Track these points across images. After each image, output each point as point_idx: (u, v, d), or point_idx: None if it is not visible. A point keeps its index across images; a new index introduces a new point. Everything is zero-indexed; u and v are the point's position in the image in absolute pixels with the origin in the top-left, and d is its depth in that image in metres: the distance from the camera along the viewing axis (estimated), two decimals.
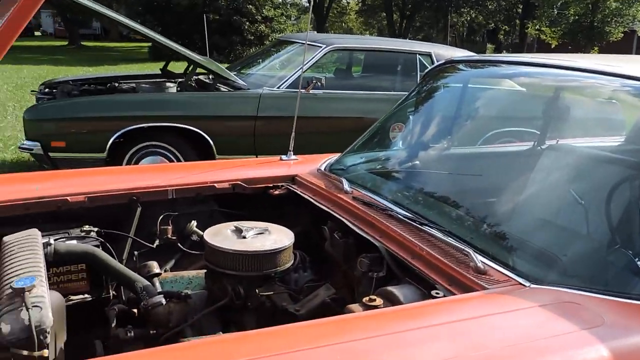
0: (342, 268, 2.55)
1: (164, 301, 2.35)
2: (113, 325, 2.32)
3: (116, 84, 7.19)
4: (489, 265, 2.08)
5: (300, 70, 6.38)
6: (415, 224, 2.36)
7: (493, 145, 4.04)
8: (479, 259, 2.08)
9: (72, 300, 2.58)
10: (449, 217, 2.49)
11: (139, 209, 2.88)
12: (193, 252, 2.93)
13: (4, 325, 1.74)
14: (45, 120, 6.00)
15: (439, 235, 2.26)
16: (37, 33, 46.65)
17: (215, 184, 3.05)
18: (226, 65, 8.70)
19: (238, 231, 2.42)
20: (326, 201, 2.84)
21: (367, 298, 2.01)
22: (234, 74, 6.99)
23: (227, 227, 2.45)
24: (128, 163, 6.16)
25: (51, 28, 49.99)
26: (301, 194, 3.00)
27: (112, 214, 2.90)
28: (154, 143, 6.21)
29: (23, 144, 6.00)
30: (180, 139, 6.25)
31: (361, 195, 2.76)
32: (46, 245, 2.35)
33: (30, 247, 2.23)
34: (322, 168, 3.26)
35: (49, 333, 1.75)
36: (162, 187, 2.95)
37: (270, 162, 3.49)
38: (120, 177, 3.11)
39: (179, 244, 2.98)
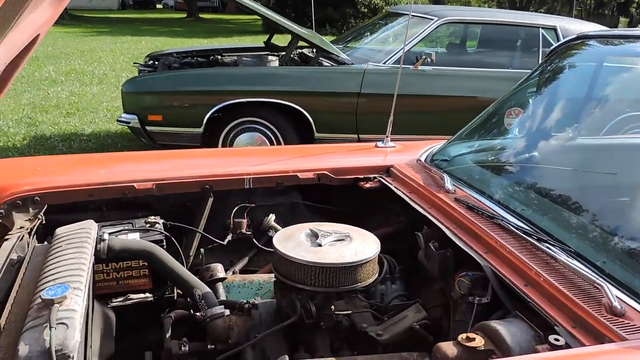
0: (437, 285, 2.12)
1: (225, 312, 2.04)
2: (167, 335, 2.03)
3: (218, 57, 7.00)
4: (628, 305, 1.59)
5: (408, 44, 5.88)
6: (531, 239, 1.89)
7: (631, 135, 3.41)
8: (615, 294, 1.59)
9: (131, 299, 2.32)
10: (575, 231, 1.99)
11: (210, 200, 2.57)
12: (269, 249, 2.60)
13: (22, 345, 1.47)
14: (142, 93, 5.89)
15: (562, 257, 1.78)
16: (158, 6, 48.32)
17: (299, 173, 2.69)
18: (332, 38, 8.32)
19: (314, 236, 2.04)
20: (423, 201, 2.41)
21: (464, 336, 1.58)
22: (339, 48, 6.60)
23: (301, 231, 2.07)
24: (225, 139, 5.96)
25: (172, 1, 51.59)
26: (395, 189, 2.58)
27: (182, 204, 2.62)
28: (251, 119, 5.95)
29: (121, 117, 5.93)
30: (278, 116, 5.96)
31: (465, 197, 2.30)
32: (100, 240, 2.09)
33: (78, 244, 1.97)
34: (423, 158, 2.81)
35: (72, 358, 1.46)
36: (239, 175, 2.62)
37: (363, 150, 3.08)
38: (193, 162, 2.80)
39: (254, 240, 2.66)
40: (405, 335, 1.95)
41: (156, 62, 6.83)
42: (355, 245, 2.01)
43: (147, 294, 2.35)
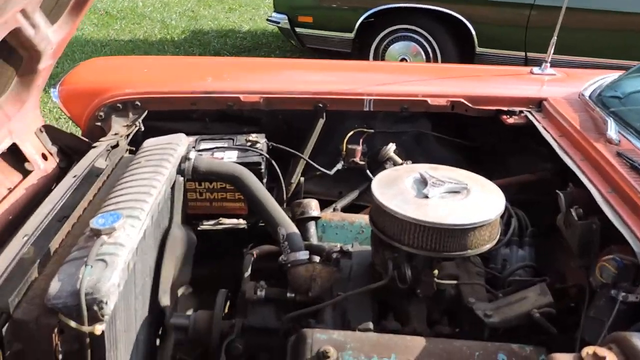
0: (573, 263, 1.68)
1: (310, 259, 1.76)
2: (246, 275, 1.80)
3: None
4: None
5: None
6: None
7: None
8: None
9: (223, 224, 2.13)
10: None
11: (322, 120, 2.26)
12: None
13: (55, 281, 1.30)
14: None
15: None
16: None
17: (429, 99, 2.28)
18: None
19: (422, 183, 1.66)
20: (575, 149, 1.92)
21: (590, 351, 1.17)
22: None
23: (409, 174, 1.70)
24: (377, 47, 5.54)
25: None
26: (542, 129, 2.10)
27: (290, 122, 2.34)
28: (407, 27, 5.44)
29: (271, 17, 5.69)
30: (437, 24, 5.39)
31: (632, 151, 1.78)
32: (185, 159, 1.87)
33: (158, 162, 1.77)
34: (587, 93, 2.27)
35: (105, 303, 1.26)
36: (357, 95, 2.26)
37: (514, 75, 2.57)
38: (308, 76, 2.48)
39: (367, 172, 2.32)
40: (520, 322, 1.55)
41: None
42: (471, 201, 1.60)
43: (241, 220, 2.15)
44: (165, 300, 1.69)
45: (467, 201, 1.60)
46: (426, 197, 1.59)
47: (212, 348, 1.67)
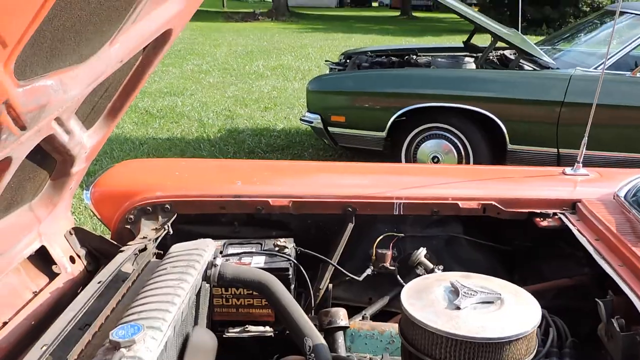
0: None
1: None
2: None
3: (413, 57, 6.62)
4: None
5: (628, 46, 5.03)
6: None
7: None
8: None
9: (249, 331, 2.07)
10: None
11: (350, 225, 2.23)
12: None
13: None
14: (327, 93, 5.71)
15: None
16: (374, 4, 48.99)
17: (460, 202, 2.24)
18: (540, 38, 7.53)
19: (453, 293, 1.60)
20: (613, 254, 1.85)
21: None
22: (546, 50, 5.88)
23: (440, 283, 1.64)
24: (409, 145, 5.58)
25: None
26: (577, 233, 2.03)
27: (319, 226, 2.31)
28: (439, 125, 5.50)
29: (304, 117, 5.81)
30: (469, 123, 5.43)
31: None
32: (211, 265, 1.84)
33: (184, 269, 1.75)
34: (621, 194, 2.21)
35: None
36: (387, 199, 2.24)
37: (546, 176, 2.53)
38: (336, 180, 2.47)
39: (398, 277, 2.26)
40: None
41: (347, 61, 6.63)
42: (506, 313, 1.53)
43: (268, 327, 2.09)
44: None
45: (501, 312, 1.53)
46: (458, 308, 1.53)
47: None
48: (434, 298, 1.58)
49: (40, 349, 1.46)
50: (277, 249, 2.13)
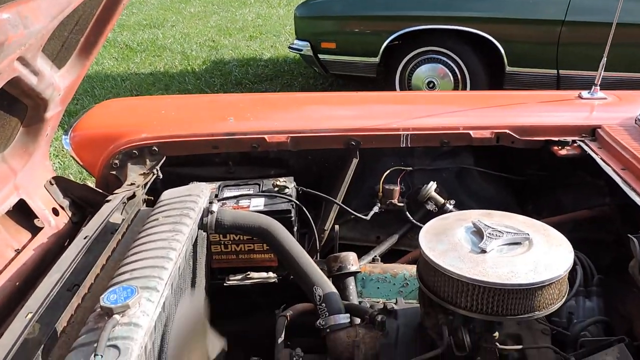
0: None
1: (350, 322, 1.56)
2: (279, 341, 1.60)
3: None
4: None
5: None
6: None
7: None
8: None
9: (251, 278, 1.94)
10: None
11: (355, 160, 2.07)
12: None
13: None
14: (316, 18, 5.43)
15: None
16: None
17: (471, 131, 2.08)
18: None
19: (477, 234, 1.46)
20: None
21: None
22: None
23: (461, 223, 1.50)
24: (403, 71, 5.36)
25: None
26: (600, 161, 1.88)
27: (320, 162, 2.15)
28: (434, 48, 5.26)
29: (293, 44, 5.55)
30: (464, 45, 5.19)
31: None
32: (207, 212, 1.68)
33: (177, 219, 1.59)
34: None
35: None
36: (393, 130, 2.07)
37: (561, 101, 2.36)
38: (337, 111, 2.29)
39: (407, 214, 2.12)
40: None
41: None
42: (535, 255, 1.39)
43: (271, 273, 1.96)
44: None
45: (530, 255, 1.39)
46: (484, 251, 1.39)
47: None
48: (456, 241, 1.43)
49: (25, 317, 1.31)
50: (276, 189, 1.97)
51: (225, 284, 1.93)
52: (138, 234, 1.57)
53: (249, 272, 1.95)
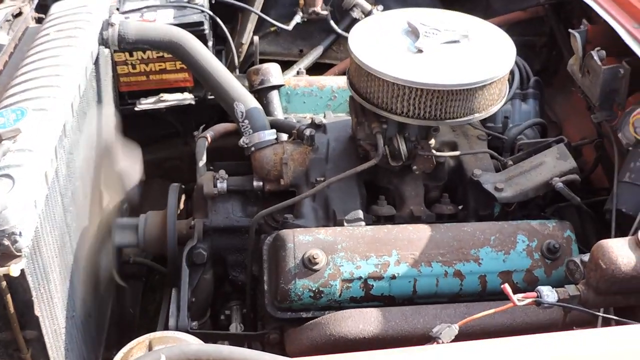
0: (593, 115, 1.41)
1: (277, 138, 1.45)
2: (200, 164, 1.49)
3: None
4: None
5: None
6: None
7: None
8: None
9: (165, 100, 1.78)
10: None
11: None
12: None
13: None
14: None
15: None
16: None
17: None
18: None
19: (412, 33, 1.33)
20: None
21: None
22: None
23: (395, 23, 1.36)
24: None
25: None
26: None
27: None
28: None
29: None
30: None
31: None
32: (107, 25, 1.46)
33: (69, 33, 1.38)
34: None
35: (19, 235, 0.94)
36: None
37: None
38: None
39: (331, 23, 1.96)
40: (537, 193, 1.31)
41: None
42: (475, 53, 1.29)
43: (186, 94, 1.80)
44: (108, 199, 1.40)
45: (469, 53, 1.28)
46: (420, 51, 1.26)
47: (169, 252, 1.40)
48: (389, 41, 1.30)
49: None
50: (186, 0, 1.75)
51: (136, 109, 1.77)
52: (27, 53, 1.35)
53: (162, 95, 1.78)
